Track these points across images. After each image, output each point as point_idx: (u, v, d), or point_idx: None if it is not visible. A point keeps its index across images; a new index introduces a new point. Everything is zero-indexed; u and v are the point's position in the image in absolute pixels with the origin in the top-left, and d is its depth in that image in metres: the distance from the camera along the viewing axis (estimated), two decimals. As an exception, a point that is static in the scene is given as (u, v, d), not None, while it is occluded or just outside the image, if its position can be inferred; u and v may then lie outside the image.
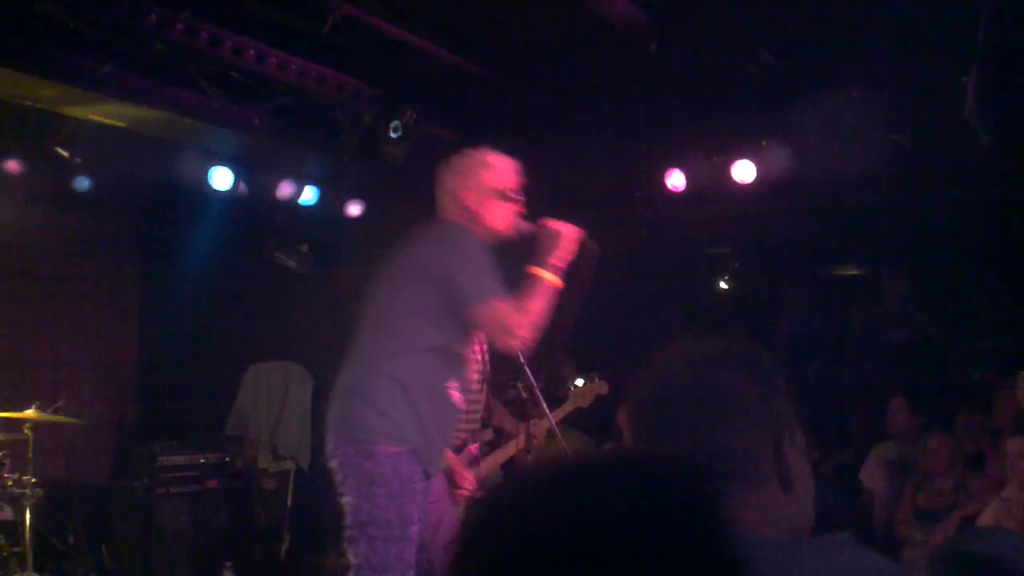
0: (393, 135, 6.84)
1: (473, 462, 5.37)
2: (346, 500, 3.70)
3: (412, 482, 3.64)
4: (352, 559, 3.68)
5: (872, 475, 7.11)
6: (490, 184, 3.96)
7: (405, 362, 3.68)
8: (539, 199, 8.44)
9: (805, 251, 8.71)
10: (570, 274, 4.03)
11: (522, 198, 4.06)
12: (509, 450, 5.67)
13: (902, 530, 6.60)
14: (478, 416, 5.57)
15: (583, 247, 4.01)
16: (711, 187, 7.35)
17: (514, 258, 4.03)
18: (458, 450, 5.41)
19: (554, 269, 3.85)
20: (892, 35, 5.96)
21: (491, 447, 5.67)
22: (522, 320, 3.70)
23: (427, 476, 3.78)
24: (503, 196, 3.98)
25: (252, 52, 5.85)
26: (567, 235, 3.89)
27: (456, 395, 3.84)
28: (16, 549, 6.13)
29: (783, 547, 1.40)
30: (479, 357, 5.61)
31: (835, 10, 5.73)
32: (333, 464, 3.74)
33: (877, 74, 6.28)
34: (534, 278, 3.81)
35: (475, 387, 5.56)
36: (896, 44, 6.01)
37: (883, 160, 6.55)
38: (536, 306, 3.76)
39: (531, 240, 4.03)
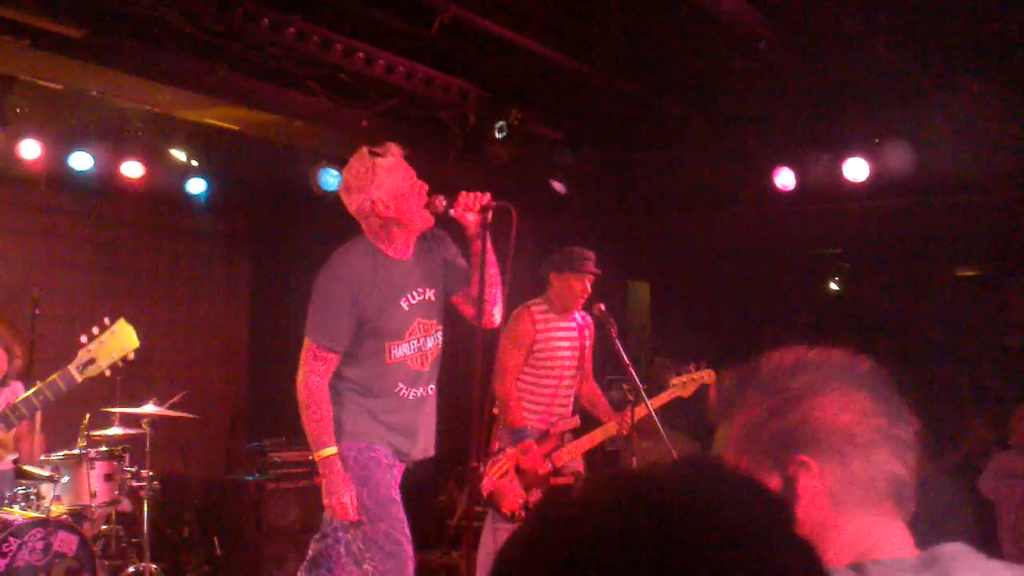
0: (498, 135, 6.85)
1: (544, 441, 5.56)
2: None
3: (378, 466, 3.99)
4: (345, 547, 4.00)
5: (993, 486, 6.84)
6: (387, 185, 3.99)
7: (337, 379, 4.04)
8: (646, 198, 8.41)
9: (921, 252, 8.43)
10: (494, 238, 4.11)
11: (421, 183, 4.11)
12: (595, 438, 5.68)
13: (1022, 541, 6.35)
14: (568, 404, 5.71)
15: (500, 212, 4.05)
16: (822, 186, 7.18)
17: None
18: (543, 436, 5.56)
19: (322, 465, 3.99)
20: (1015, 27, 5.72)
21: (575, 434, 5.71)
22: (305, 373, 3.97)
23: (400, 460, 4.12)
24: (405, 190, 4.04)
25: (361, 55, 5.92)
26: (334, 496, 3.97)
27: (406, 393, 4.09)
28: (134, 540, 6.32)
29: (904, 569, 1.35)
30: (575, 353, 5.65)
31: (955, 2, 5.52)
32: None
33: (1000, 68, 6.05)
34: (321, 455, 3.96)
35: (568, 378, 5.67)
36: (1019, 34, 5.77)
37: (1005, 157, 6.31)
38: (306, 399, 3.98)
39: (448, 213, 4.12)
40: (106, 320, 4.66)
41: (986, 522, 6.73)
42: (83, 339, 4.56)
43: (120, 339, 4.69)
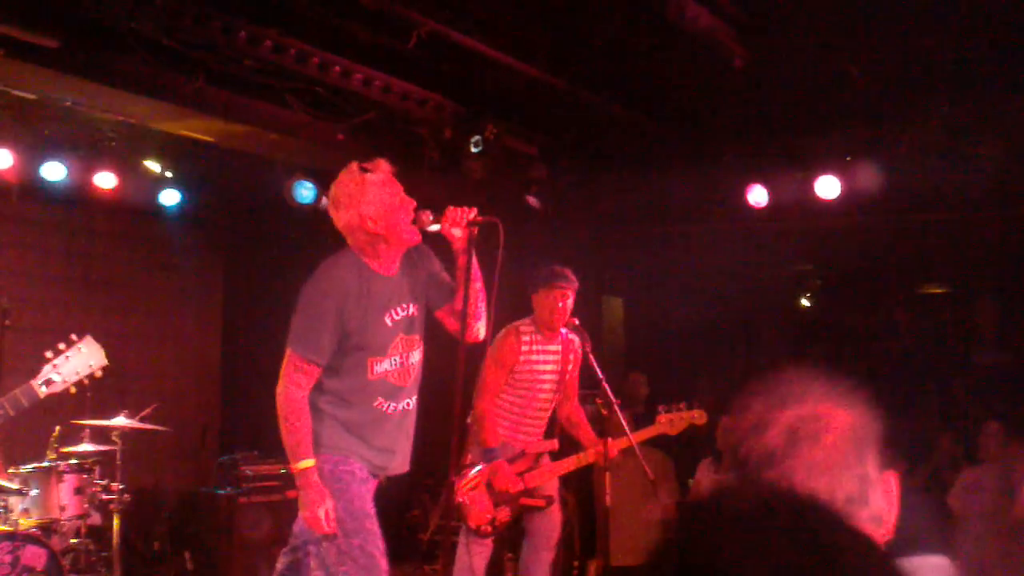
0: (474, 150, 6.87)
1: (518, 461, 5.55)
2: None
3: (353, 479, 3.97)
4: (317, 560, 3.94)
5: (961, 501, 6.91)
6: (377, 202, 3.94)
7: (316, 391, 3.99)
8: (620, 213, 8.45)
9: (892, 269, 8.52)
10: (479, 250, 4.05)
11: (409, 199, 4.04)
12: (572, 464, 5.68)
13: (990, 554, 6.40)
14: (541, 426, 5.69)
15: (486, 225, 4.00)
16: (793, 203, 7.24)
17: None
18: (518, 455, 5.54)
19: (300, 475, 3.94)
20: (984, 48, 5.81)
21: (552, 457, 5.70)
22: (286, 384, 3.92)
23: (374, 475, 4.09)
24: (394, 206, 3.99)
25: (337, 68, 5.93)
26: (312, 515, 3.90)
27: (386, 407, 4.06)
28: (104, 554, 6.26)
29: None
30: (555, 376, 5.64)
31: (926, 23, 5.60)
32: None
33: (969, 88, 6.14)
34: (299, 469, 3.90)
35: (544, 400, 5.65)
36: (989, 56, 5.86)
37: (975, 176, 6.40)
38: (284, 403, 3.93)
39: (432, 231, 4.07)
40: (73, 336, 4.57)
41: (954, 536, 6.80)
42: (48, 355, 4.47)
43: (86, 357, 4.60)
